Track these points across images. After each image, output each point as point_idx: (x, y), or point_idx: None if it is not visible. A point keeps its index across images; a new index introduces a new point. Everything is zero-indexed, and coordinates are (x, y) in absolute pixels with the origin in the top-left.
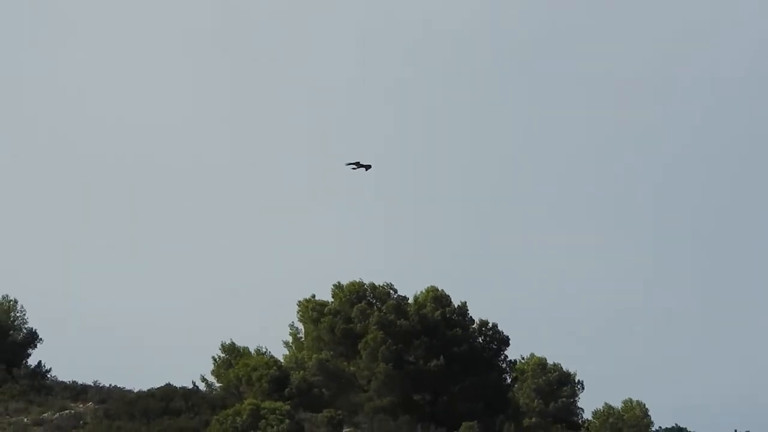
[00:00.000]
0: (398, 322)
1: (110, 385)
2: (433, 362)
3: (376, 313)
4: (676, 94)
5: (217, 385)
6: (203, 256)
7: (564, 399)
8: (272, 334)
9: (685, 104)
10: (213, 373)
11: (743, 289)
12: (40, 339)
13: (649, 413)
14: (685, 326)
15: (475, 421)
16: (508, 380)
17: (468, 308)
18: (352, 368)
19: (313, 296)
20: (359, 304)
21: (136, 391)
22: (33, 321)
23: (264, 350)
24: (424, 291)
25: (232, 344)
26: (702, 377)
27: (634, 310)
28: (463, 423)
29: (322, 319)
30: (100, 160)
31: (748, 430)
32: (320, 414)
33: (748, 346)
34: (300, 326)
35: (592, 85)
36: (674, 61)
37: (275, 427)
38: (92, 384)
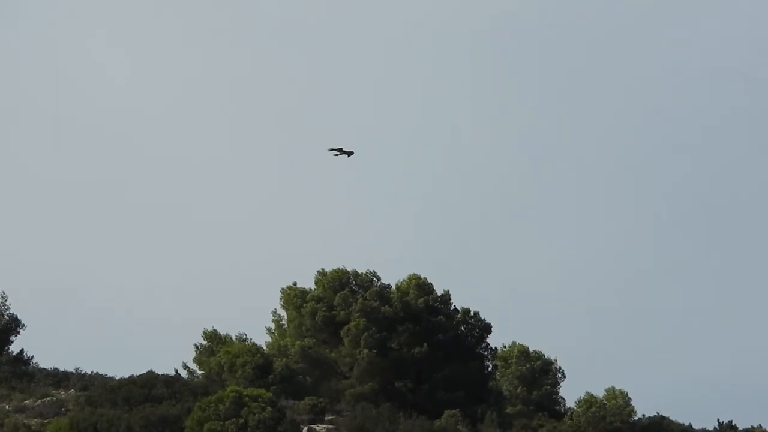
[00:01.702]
0: (381, 309)
1: (92, 372)
2: (417, 349)
3: (359, 300)
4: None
5: (199, 372)
6: (185, 243)
7: (547, 387)
8: (254, 321)
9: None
10: (195, 360)
11: (727, 278)
12: (23, 326)
13: (631, 402)
14: (668, 315)
15: (458, 410)
16: (490, 368)
17: (451, 296)
18: (334, 355)
19: (295, 283)
20: (342, 292)
21: (118, 378)
22: (15, 308)
23: (246, 337)
24: (406, 279)
25: (214, 331)
26: (685, 366)
27: (617, 299)
28: (445, 411)
29: (304, 306)
30: (79, 144)
31: (731, 419)
32: (302, 401)
33: (731, 335)
34: (283, 313)
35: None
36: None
37: (257, 414)
38: (74, 371)
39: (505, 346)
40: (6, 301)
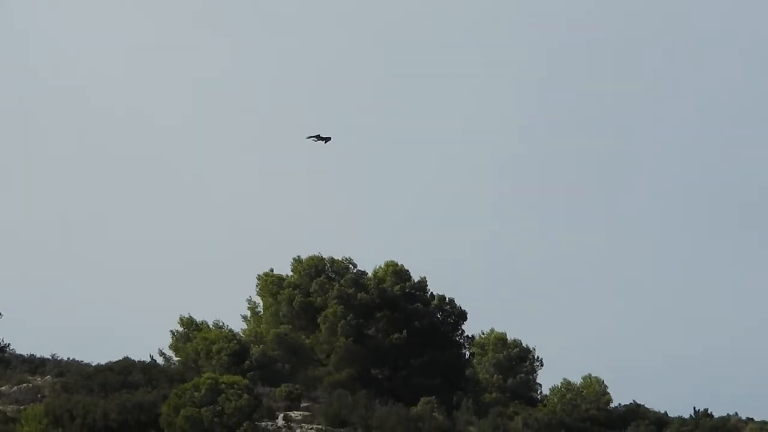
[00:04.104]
0: (358, 296)
1: (68, 358)
2: (394, 336)
3: (336, 286)
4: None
5: (176, 359)
6: (160, 229)
7: (523, 375)
8: (231, 308)
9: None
10: (171, 347)
11: (706, 261)
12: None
13: (608, 390)
14: (645, 301)
15: (434, 396)
16: (467, 356)
17: (427, 283)
18: (311, 342)
19: (272, 270)
20: (318, 278)
21: (94, 364)
22: None
23: (222, 324)
24: (383, 266)
25: (191, 318)
26: (661, 354)
27: (595, 285)
28: (421, 398)
29: (281, 293)
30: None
31: (706, 407)
32: (279, 388)
33: (707, 323)
34: (258, 300)
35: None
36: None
37: (234, 401)
38: (50, 357)
39: (483, 334)
40: None
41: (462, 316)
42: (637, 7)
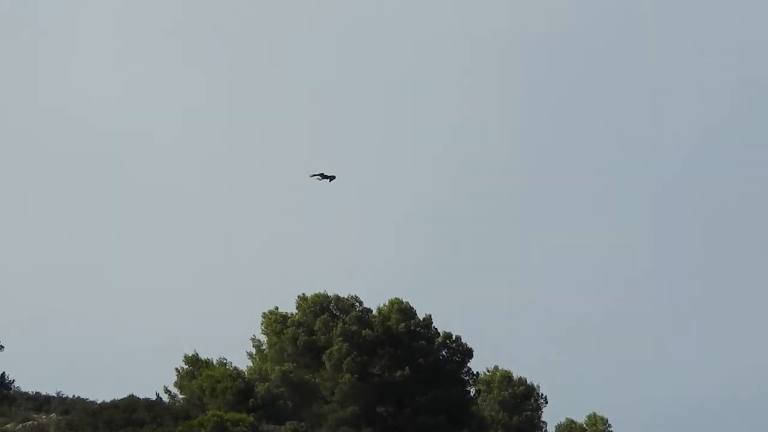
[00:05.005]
0: (363, 333)
1: (73, 396)
2: (398, 373)
3: (340, 324)
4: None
5: (181, 396)
6: (166, 267)
7: (528, 413)
8: (236, 346)
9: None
10: (176, 384)
11: (707, 298)
12: (2, 347)
13: (611, 429)
14: (649, 340)
15: None
16: (472, 393)
17: (433, 320)
18: (316, 380)
19: (276, 308)
20: (322, 316)
21: (99, 402)
22: None
23: (227, 362)
24: (388, 303)
25: (196, 355)
26: (666, 393)
27: (599, 324)
28: None
29: (285, 331)
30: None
31: None
32: (284, 426)
33: (712, 357)
34: (263, 338)
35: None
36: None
37: None
38: (55, 395)
39: (488, 371)
40: None
41: (468, 353)
42: None
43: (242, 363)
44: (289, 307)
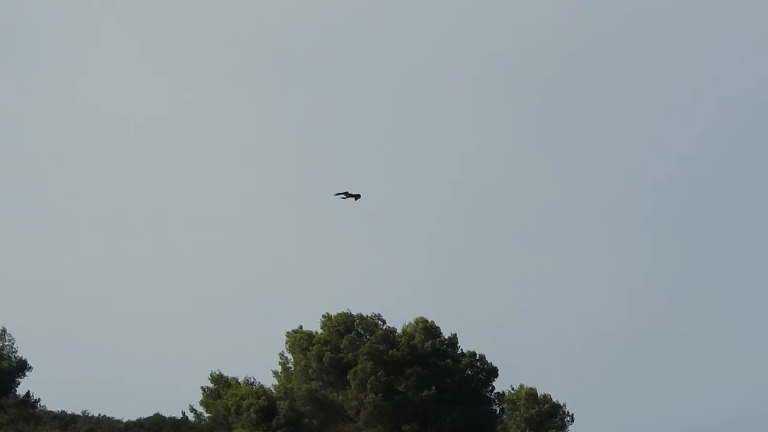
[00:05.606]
0: (389, 352)
1: (99, 414)
2: (424, 392)
3: (367, 343)
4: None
5: (206, 415)
6: (192, 285)
7: (553, 431)
8: (261, 364)
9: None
10: (202, 403)
11: (728, 314)
12: (30, 367)
13: None
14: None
15: None
16: (498, 411)
17: (458, 339)
18: (340, 398)
19: (301, 327)
20: (349, 335)
21: (125, 420)
22: (23, 350)
23: (252, 380)
24: (413, 322)
25: (221, 374)
26: (690, 412)
27: (629, 343)
28: None
29: (310, 349)
30: (88, 183)
31: None
32: None
33: (734, 375)
34: (289, 356)
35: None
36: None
37: None
38: (81, 413)
39: (513, 389)
40: (14, 344)
41: (493, 372)
42: None
43: (268, 381)
44: (313, 326)
